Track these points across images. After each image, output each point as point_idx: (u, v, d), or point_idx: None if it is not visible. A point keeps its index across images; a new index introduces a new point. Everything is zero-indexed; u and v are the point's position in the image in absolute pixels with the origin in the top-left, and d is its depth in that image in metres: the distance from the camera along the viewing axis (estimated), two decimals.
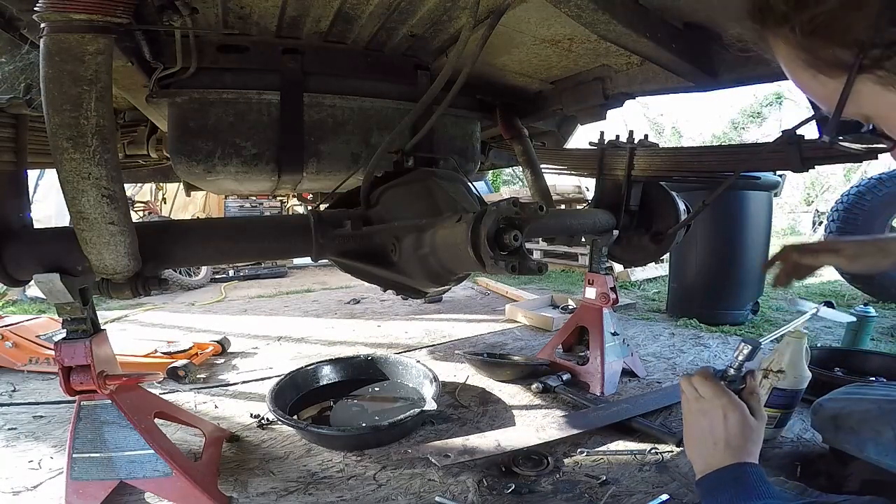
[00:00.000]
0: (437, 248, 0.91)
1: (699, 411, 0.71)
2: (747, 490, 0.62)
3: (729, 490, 0.63)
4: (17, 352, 1.81)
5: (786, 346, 1.24)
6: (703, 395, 0.72)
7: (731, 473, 0.64)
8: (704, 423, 0.70)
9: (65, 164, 0.71)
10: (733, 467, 0.65)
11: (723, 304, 2.50)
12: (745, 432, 0.68)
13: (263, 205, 4.67)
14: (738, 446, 0.66)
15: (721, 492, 0.63)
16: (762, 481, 0.63)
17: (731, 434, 0.67)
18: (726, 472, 0.65)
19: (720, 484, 0.65)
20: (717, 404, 0.69)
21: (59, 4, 0.62)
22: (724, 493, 0.63)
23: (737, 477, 0.63)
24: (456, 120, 1.43)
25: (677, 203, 1.62)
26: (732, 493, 0.62)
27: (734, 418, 0.68)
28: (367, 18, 1.03)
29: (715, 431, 0.68)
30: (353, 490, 1.09)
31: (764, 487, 0.62)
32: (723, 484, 0.64)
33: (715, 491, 0.65)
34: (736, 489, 0.62)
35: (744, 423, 0.68)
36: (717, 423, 0.69)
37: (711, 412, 0.70)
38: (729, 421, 0.68)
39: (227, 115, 1.12)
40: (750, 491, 0.62)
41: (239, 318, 2.89)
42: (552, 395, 1.59)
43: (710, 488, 0.65)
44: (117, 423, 0.99)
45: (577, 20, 0.84)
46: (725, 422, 0.68)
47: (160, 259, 0.94)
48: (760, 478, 0.63)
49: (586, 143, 1.76)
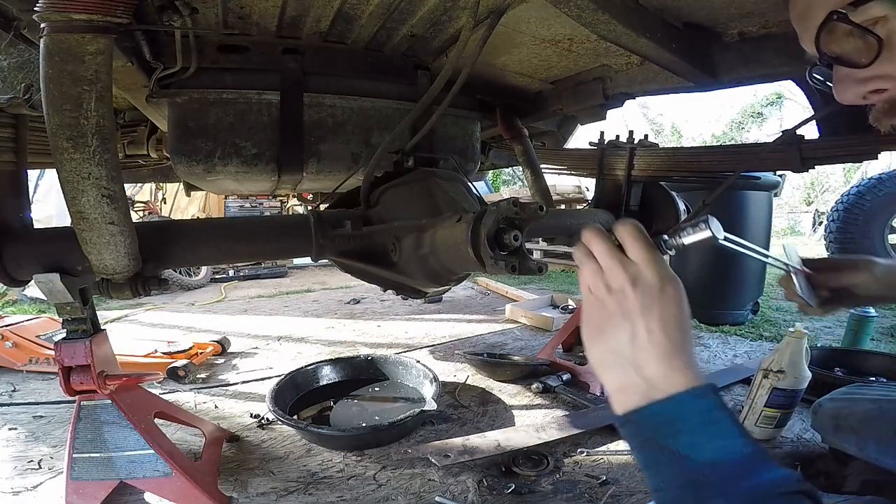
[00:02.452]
0: (437, 248, 0.91)
1: (627, 282, 0.45)
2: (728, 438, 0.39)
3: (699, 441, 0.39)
4: (17, 352, 1.81)
5: (786, 346, 1.24)
6: (635, 259, 0.46)
7: (695, 407, 0.41)
8: (634, 303, 0.44)
9: (65, 164, 0.71)
10: (693, 396, 0.41)
11: (723, 304, 2.50)
12: (687, 324, 0.44)
13: (263, 205, 4.67)
14: (683, 347, 0.43)
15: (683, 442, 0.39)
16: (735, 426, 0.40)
17: (674, 326, 0.43)
18: (686, 403, 0.41)
19: (673, 429, 0.40)
20: (656, 274, 0.44)
21: (59, 4, 0.62)
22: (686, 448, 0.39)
23: (708, 418, 0.40)
24: (456, 120, 1.43)
25: (677, 203, 1.62)
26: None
27: (675, 296, 0.44)
28: (367, 18, 1.03)
29: (649, 322, 0.43)
30: (353, 490, 1.09)
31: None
32: (682, 427, 0.40)
33: (665, 437, 0.40)
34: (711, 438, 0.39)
35: (684, 306, 0.44)
36: (653, 304, 0.43)
37: (646, 285, 0.44)
38: (670, 303, 0.43)
39: (227, 115, 1.12)
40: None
41: (239, 318, 2.89)
42: (552, 395, 1.59)
43: (660, 431, 0.41)
44: (117, 423, 0.99)
45: (577, 20, 0.84)
46: (665, 304, 0.43)
47: (160, 259, 0.94)
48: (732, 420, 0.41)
49: (586, 143, 1.76)
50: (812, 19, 0.51)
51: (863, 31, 0.48)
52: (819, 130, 1.21)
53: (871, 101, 0.54)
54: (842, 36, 0.51)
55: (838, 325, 2.47)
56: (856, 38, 0.50)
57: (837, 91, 0.55)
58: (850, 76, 0.53)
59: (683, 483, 0.39)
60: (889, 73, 0.50)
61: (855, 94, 0.53)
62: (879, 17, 0.47)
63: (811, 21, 0.52)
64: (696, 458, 0.38)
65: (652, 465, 0.41)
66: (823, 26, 0.49)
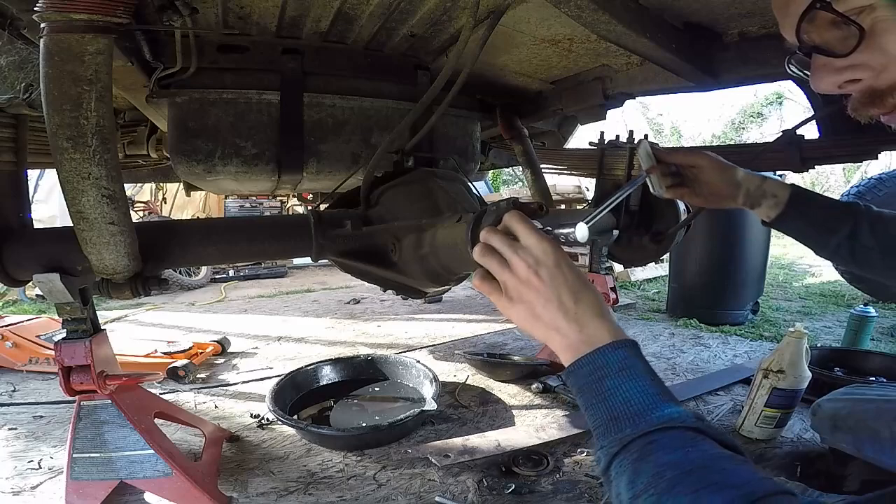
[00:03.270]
0: (437, 248, 0.91)
1: (530, 268, 0.52)
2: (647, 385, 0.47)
3: (621, 384, 0.47)
4: (17, 352, 1.81)
5: (786, 346, 1.24)
6: (526, 244, 0.53)
7: (615, 356, 0.49)
8: (546, 283, 0.51)
9: (65, 164, 0.71)
10: (615, 348, 0.49)
11: (723, 304, 2.50)
12: (586, 282, 0.53)
13: (263, 205, 4.67)
14: (599, 305, 0.52)
15: (616, 389, 0.47)
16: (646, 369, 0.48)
17: (583, 289, 0.52)
18: (609, 353, 0.49)
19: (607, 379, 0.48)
20: (548, 253, 0.52)
21: (59, 4, 0.62)
22: (621, 390, 0.46)
23: (623, 367, 0.48)
24: (456, 120, 1.43)
25: (677, 203, 1.62)
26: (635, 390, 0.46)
27: (566, 263, 0.52)
28: (367, 18, 1.03)
29: (563, 294, 0.51)
30: (353, 490, 1.09)
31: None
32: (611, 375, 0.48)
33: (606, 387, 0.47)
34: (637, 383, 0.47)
35: (573, 269, 0.52)
36: (557, 277, 0.51)
37: (546, 265, 0.52)
38: (568, 270, 0.52)
39: (227, 115, 1.12)
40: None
41: (239, 318, 2.89)
42: (552, 395, 1.59)
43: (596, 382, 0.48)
44: (117, 423, 0.99)
45: (577, 20, 0.84)
46: (566, 273, 0.52)
47: (160, 259, 0.94)
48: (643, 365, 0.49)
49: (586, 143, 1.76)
50: (794, 6, 0.51)
51: (846, 20, 0.47)
52: (819, 130, 1.21)
53: (847, 91, 0.54)
54: (823, 25, 0.50)
55: (838, 326, 2.47)
56: (837, 28, 0.50)
57: (814, 80, 0.55)
58: (827, 66, 0.52)
59: (607, 418, 0.47)
60: (866, 63, 0.50)
61: (830, 84, 0.53)
62: (864, 7, 0.47)
63: (793, 8, 0.51)
64: (614, 397, 0.47)
65: (588, 406, 0.49)
66: (806, 14, 0.49)
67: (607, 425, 0.46)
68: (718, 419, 1.43)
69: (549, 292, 0.52)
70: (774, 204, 0.85)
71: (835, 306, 2.99)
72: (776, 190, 0.85)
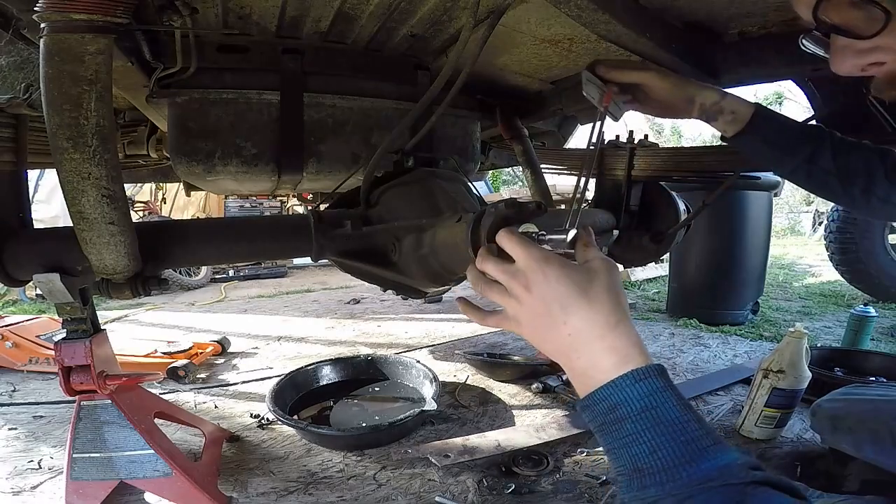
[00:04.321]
0: (437, 248, 0.91)
1: (523, 289, 0.46)
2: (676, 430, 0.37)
3: (647, 432, 0.38)
4: (17, 352, 1.81)
5: (786, 346, 1.24)
6: (518, 262, 0.48)
7: (635, 392, 0.39)
8: (540, 305, 0.45)
9: (65, 164, 0.71)
10: (633, 380, 0.40)
11: (723, 304, 2.50)
12: (591, 296, 0.43)
13: (263, 205, 4.67)
14: (608, 323, 0.42)
15: (637, 437, 0.38)
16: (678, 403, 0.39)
17: (583, 306, 0.43)
18: (626, 387, 0.40)
19: (624, 421, 0.39)
20: (536, 269, 0.46)
21: (59, 4, 0.62)
22: (644, 439, 0.38)
23: (646, 406, 0.38)
24: (456, 120, 1.43)
25: (677, 203, 1.62)
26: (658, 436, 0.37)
27: (560, 277, 0.44)
28: (368, 18, 1.03)
29: (556, 315, 0.44)
30: (353, 490, 1.09)
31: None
32: (630, 418, 0.39)
33: (622, 430, 0.39)
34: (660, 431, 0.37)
35: (573, 282, 0.44)
36: (549, 296, 0.44)
37: (536, 284, 0.45)
38: (560, 286, 0.44)
39: (227, 115, 1.12)
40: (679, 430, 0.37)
41: (239, 318, 2.89)
42: (552, 395, 1.59)
43: (612, 423, 0.40)
44: (117, 423, 0.99)
45: (577, 20, 0.84)
46: (559, 290, 0.44)
47: (160, 259, 0.94)
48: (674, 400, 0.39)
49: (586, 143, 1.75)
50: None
51: (871, 2, 0.45)
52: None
53: (870, 73, 0.53)
54: (845, 5, 0.48)
55: (838, 326, 2.47)
56: (858, 8, 0.48)
57: (834, 62, 0.53)
58: (849, 47, 0.51)
59: (631, 469, 0.38)
60: (891, 46, 0.48)
61: (853, 66, 0.52)
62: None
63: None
64: (637, 444, 0.38)
65: (609, 449, 0.41)
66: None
67: (630, 477, 0.39)
68: (718, 419, 1.43)
69: (540, 310, 0.45)
70: (732, 120, 0.81)
71: (835, 306, 2.99)
72: (736, 107, 0.81)
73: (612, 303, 0.43)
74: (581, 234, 0.50)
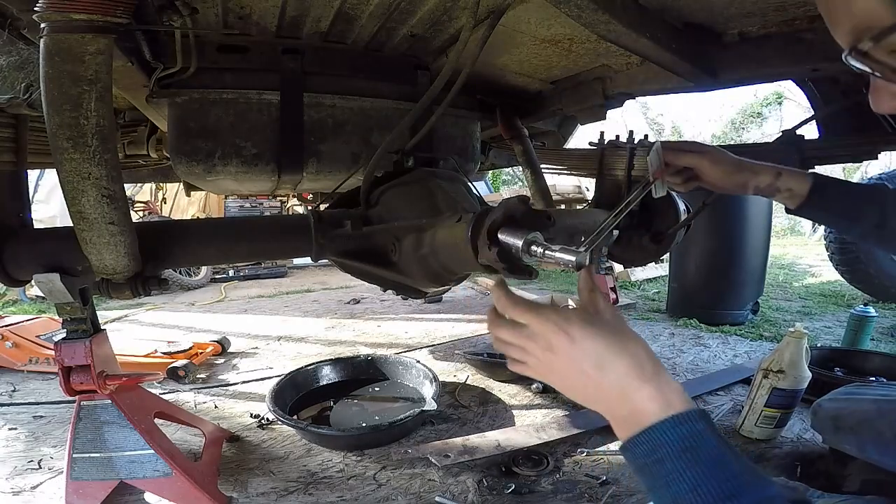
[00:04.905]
0: (437, 248, 0.91)
1: (544, 350, 0.48)
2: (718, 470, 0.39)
3: (689, 470, 0.39)
4: (17, 352, 1.81)
5: (786, 346, 1.24)
6: (527, 324, 0.50)
7: (674, 434, 0.41)
8: (565, 362, 0.47)
9: (65, 164, 0.71)
10: (673, 425, 0.41)
11: (723, 304, 2.50)
12: (626, 350, 0.45)
13: (263, 205, 4.67)
14: (643, 373, 0.44)
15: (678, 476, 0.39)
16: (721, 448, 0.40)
17: (615, 361, 0.45)
18: (665, 431, 0.41)
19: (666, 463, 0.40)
20: (553, 330, 0.47)
21: (59, 4, 0.62)
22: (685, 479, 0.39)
23: (687, 447, 0.40)
24: (456, 120, 1.43)
25: (677, 203, 1.61)
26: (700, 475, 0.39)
27: (589, 335, 0.46)
28: (367, 18, 1.03)
29: (588, 371, 0.45)
30: (353, 490, 1.09)
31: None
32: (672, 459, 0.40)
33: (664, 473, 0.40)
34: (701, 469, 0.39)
35: (605, 338, 0.46)
36: (574, 354, 0.46)
37: (558, 344, 0.47)
38: (590, 345, 0.46)
39: (227, 115, 1.12)
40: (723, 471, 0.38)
41: (239, 318, 2.89)
42: (552, 395, 1.59)
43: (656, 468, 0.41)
44: (117, 423, 0.99)
45: (577, 20, 0.84)
46: (586, 348, 0.46)
47: (160, 259, 0.94)
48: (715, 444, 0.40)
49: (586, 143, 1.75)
50: (853, 19, 0.46)
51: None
52: (819, 130, 1.21)
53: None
54: (883, 50, 0.46)
55: (838, 326, 2.47)
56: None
57: (874, 100, 0.52)
58: (885, 89, 0.50)
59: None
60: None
61: (890, 107, 0.52)
62: None
63: (850, 22, 0.46)
64: (678, 483, 0.39)
65: (650, 489, 0.42)
66: (882, 36, 0.44)
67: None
68: (718, 419, 1.43)
69: (571, 370, 0.47)
70: (790, 196, 0.84)
71: (835, 306, 2.99)
72: (792, 184, 0.83)
73: (645, 354, 0.45)
74: (588, 274, 0.51)
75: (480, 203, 1.21)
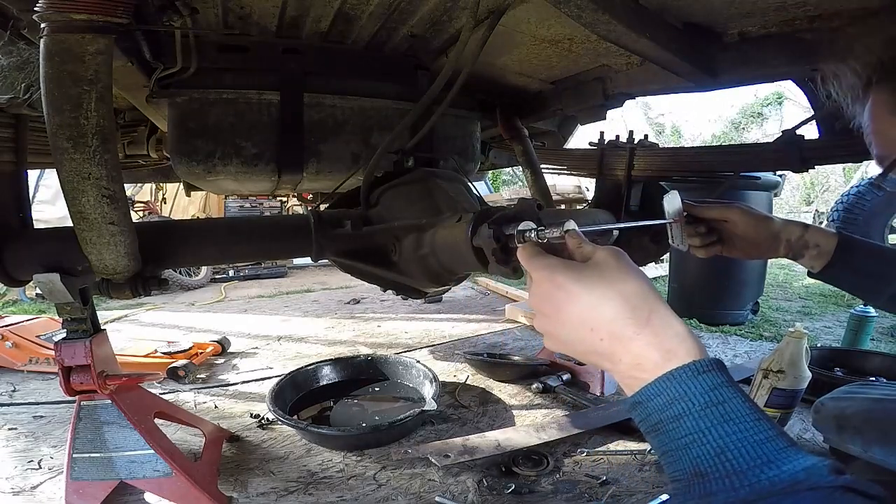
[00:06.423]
0: (437, 248, 0.91)
1: (541, 298, 0.44)
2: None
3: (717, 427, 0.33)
4: (17, 352, 1.81)
5: (786, 346, 1.24)
6: (532, 279, 0.46)
7: (696, 386, 0.35)
8: (555, 308, 0.43)
9: (65, 164, 0.71)
10: (693, 372, 0.35)
11: (723, 304, 2.50)
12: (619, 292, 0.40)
13: (263, 205, 4.67)
14: (640, 318, 0.38)
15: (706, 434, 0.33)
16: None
17: (612, 303, 0.39)
18: (685, 380, 0.35)
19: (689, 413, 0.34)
20: (543, 279, 0.44)
21: (59, 4, 0.62)
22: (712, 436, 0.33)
23: (711, 401, 0.34)
24: (456, 120, 1.43)
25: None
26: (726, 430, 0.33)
27: (575, 280, 0.42)
28: (368, 18, 1.03)
29: (586, 315, 0.40)
30: (353, 490, 1.09)
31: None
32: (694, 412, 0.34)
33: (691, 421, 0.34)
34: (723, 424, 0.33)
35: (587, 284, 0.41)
36: (568, 297, 0.42)
37: (553, 290, 0.43)
38: (580, 289, 0.41)
39: (228, 115, 1.12)
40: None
41: (239, 318, 2.89)
42: (552, 395, 1.59)
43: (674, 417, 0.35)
44: (117, 423, 0.99)
45: (577, 20, 0.84)
46: (580, 291, 0.41)
47: (160, 259, 0.94)
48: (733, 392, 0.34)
49: (586, 143, 1.76)
50: None
51: None
52: (819, 130, 1.21)
53: None
54: None
55: (838, 326, 2.47)
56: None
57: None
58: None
59: (693, 472, 0.33)
60: None
61: None
62: None
63: None
64: (700, 444, 0.33)
65: (665, 451, 0.36)
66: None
67: (689, 483, 0.33)
68: None
69: (565, 321, 0.42)
70: (818, 254, 0.80)
71: (835, 306, 2.99)
72: (819, 239, 0.80)
73: (638, 294, 0.39)
74: (571, 234, 0.46)
75: (480, 203, 1.21)
